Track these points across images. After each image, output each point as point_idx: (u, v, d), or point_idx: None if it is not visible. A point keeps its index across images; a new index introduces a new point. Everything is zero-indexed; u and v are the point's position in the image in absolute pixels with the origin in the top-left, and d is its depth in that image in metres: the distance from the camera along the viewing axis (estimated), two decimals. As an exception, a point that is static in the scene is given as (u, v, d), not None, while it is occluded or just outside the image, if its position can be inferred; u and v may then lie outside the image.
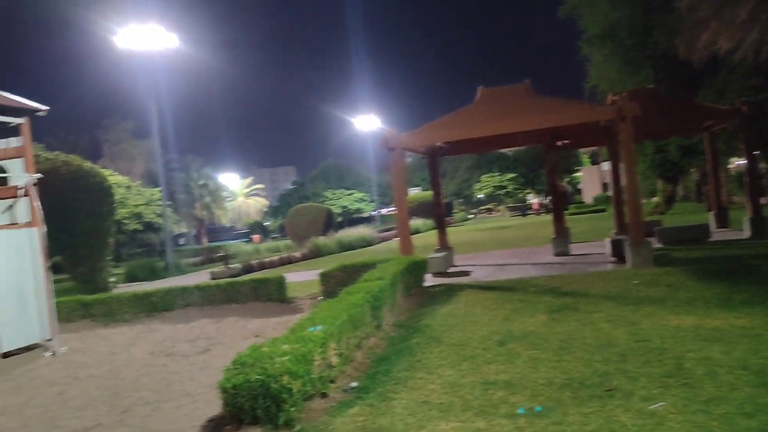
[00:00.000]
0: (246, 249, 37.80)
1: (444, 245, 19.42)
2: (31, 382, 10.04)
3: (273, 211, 72.11)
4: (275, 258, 29.10)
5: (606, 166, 47.31)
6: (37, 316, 13.17)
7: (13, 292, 12.71)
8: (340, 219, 53.37)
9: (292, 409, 6.01)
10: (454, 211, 62.87)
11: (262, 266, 26.61)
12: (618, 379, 6.45)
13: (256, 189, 78.37)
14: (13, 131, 13.81)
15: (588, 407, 5.72)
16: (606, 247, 17.89)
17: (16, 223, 13.43)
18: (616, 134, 15.82)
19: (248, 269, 25.17)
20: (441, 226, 20.22)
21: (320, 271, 15.81)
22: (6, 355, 12.32)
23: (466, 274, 16.88)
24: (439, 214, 21.09)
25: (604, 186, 64.90)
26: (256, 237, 51.11)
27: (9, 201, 13.49)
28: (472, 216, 65.42)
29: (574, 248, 20.54)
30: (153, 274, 28.12)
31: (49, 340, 13.09)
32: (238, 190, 75.79)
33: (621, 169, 17.55)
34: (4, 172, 13.59)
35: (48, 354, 12.25)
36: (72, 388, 9.32)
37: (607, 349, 7.64)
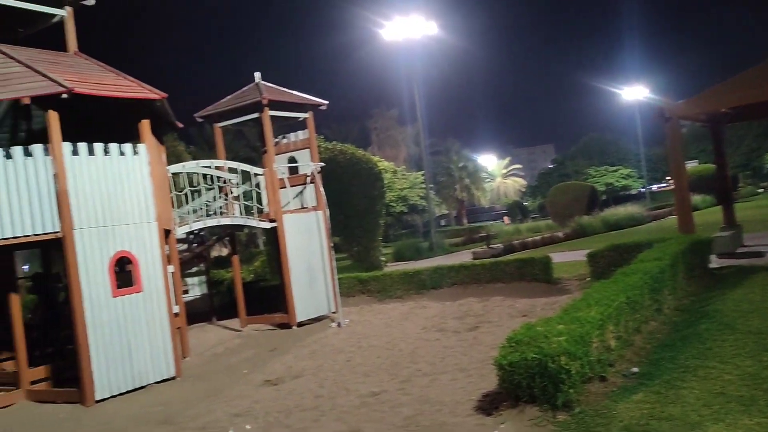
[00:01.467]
0: (507, 229, 37.88)
1: (731, 223, 17.37)
2: (322, 350, 11.18)
3: (532, 191, 71.29)
4: (537, 238, 28.72)
5: None
6: (324, 291, 14.64)
7: (305, 270, 14.27)
8: (604, 197, 50.82)
9: (571, 390, 5.83)
10: (740, 185, 56.18)
11: (524, 246, 26.43)
12: None
13: (513, 169, 78.15)
14: (300, 125, 15.45)
15: None
16: None
17: (305, 207, 15.03)
18: None
19: (510, 249, 25.18)
20: (727, 202, 18.11)
21: (587, 251, 15.18)
22: (300, 324, 13.91)
23: (759, 255, 14.89)
24: (724, 188, 18.91)
25: None
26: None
27: (299, 187, 15.13)
28: (761, 191, 57.83)
29: None
30: (418, 254, 29.54)
31: (334, 312, 14.48)
32: (495, 171, 76.35)
33: None
34: (295, 162, 15.27)
35: (334, 325, 13.54)
36: (357, 356, 10.17)
37: None
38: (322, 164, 15.25)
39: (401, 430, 6.29)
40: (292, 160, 15.32)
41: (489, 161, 78.82)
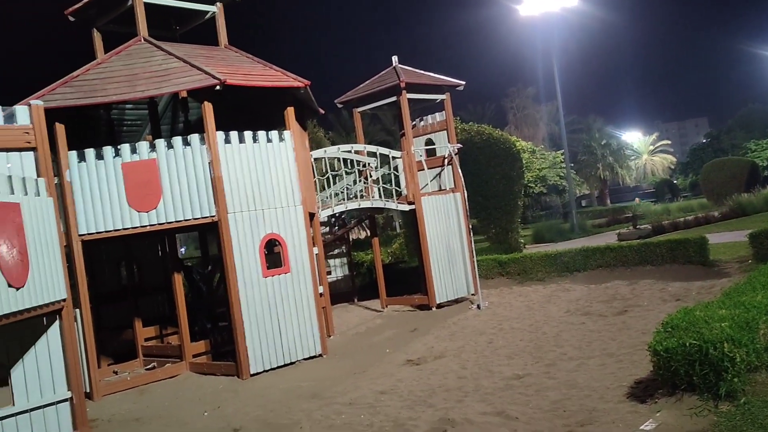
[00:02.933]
0: (655, 209, 35.79)
1: None
2: (462, 331, 11.16)
3: (682, 168, 66.75)
4: (690, 218, 26.87)
5: None
6: (463, 273, 14.60)
7: (444, 251, 14.30)
8: (766, 173, 46.55)
9: (735, 379, 5.40)
10: None
11: (675, 227, 24.82)
12: None
13: (662, 145, 73.43)
14: (436, 107, 15.43)
15: None
16: None
17: (443, 189, 15.02)
18: None
19: (658, 230, 23.75)
20: None
21: (748, 231, 13.97)
22: (439, 306, 13.98)
23: None
24: None
25: None
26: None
27: (437, 169, 15.14)
28: None
29: None
30: (559, 236, 28.66)
31: (474, 294, 14.40)
32: (642, 148, 72.12)
33: None
34: (433, 144, 15.28)
35: (473, 307, 13.47)
36: (498, 338, 10.06)
37: None
38: (460, 146, 15.15)
39: (549, 414, 6.14)
40: (429, 142, 15.35)
41: (634, 138, 74.59)
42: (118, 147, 9.72)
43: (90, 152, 9.57)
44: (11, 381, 6.35)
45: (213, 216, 9.76)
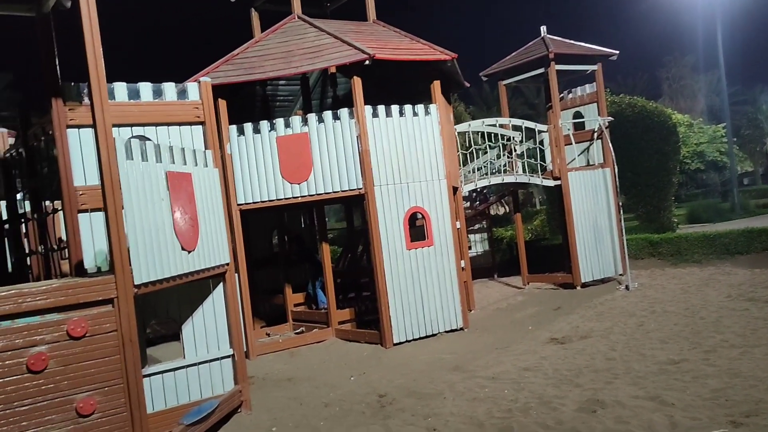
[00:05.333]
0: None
1: None
2: (610, 312, 10.73)
3: None
4: None
5: None
6: (611, 252, 13.99)
7: (590, 229, 13.77)
8: None
9: None
10: None
11: None
12: None
13: None
14: (585, 78, 14.76)
15: None
16: None
17: (592, 164, 14.41)
18: None
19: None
20: None
21: None
22: (584, 285, 13.52)
23: None
24: None
25: None
26: None
27: (585, 144, 14.54)
28: None
29: None
30: (717, 215, 26.67)
31: (622, 274, 13.78)
32: (816, 122, 65.02)
33: None
34: (581, 117, 14.68)
35: (621, 288, 12.89)
36: (650, 321, 9.57)
37: None
38: (611, 119, 14.42)
39: (708, 403, 5.76)
40: (577, 115, 14.76)
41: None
42: (274, 121, 10.22)
43: (248, 126, 10.15)
44: (182, 336, 6.93)
45: (360, 188, 10.03)
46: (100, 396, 4.93)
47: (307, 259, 13.11)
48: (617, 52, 14.24)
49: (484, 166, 14.26)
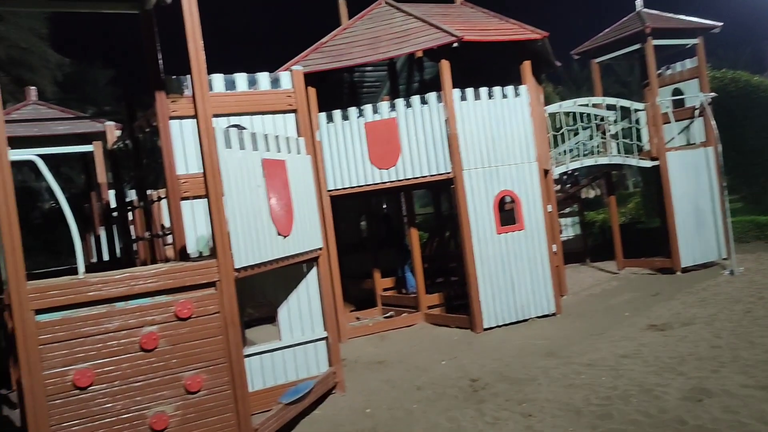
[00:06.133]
0: None
1: None
2: (713, 298, 10.23)
3: None
4: None
5: None
6: (713, 235, 13.33)
7: (691, 211, 13.15)
8: None
9: None
10: None
11: None
12: None
13: None
14: (683, 53, 14.04)
15: None
16: None
17: (692, 143, 13.74)
18: None
19: None
20: None
21: None
22: (684, 270, 12.94)
23: None
24: None
25: None
26: None
27: (685, 122, 13.87)
28: None
29: None
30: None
31: (726, 258, 13.10)
32: None
33: None
34: (680, 94, 13.99)
35: (726, 272, 12.25)
36: (758, 308, 9.06)
37: None
38: (714, 94, 13.67)
39: (830, 396, 5.42)
40: (676, 92, 14.08)
41: None
42: (362, 108, 10.31)
43: (337, 113, 10.29)
44: (278, 319, 7.16)
45: (448, 173, 9.97)
46: (206, 374, 5.15)
47: (395, 243, 13.21)
48: (720, 24, 13.46)
49: (576, 148, 13.85)
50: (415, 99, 10.09)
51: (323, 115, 10.30)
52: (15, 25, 21.25)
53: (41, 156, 5.24)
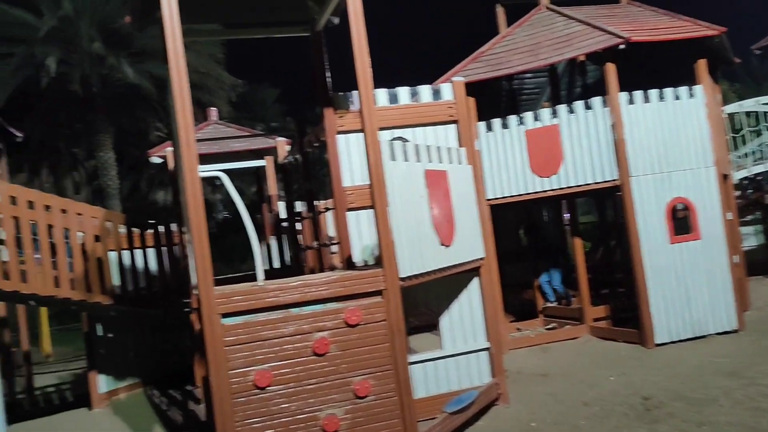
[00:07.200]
0: None
1: None
2: None
3: None
4: None
5: None
6: None
7: None
8: None
9: None
10: None
11: None
12: None
13: None
14: None
15: None
16: None
17: None
18: None
19: None
20: None
21: None
22: None
23: None
24: None
25: None
26: None
27: None
28: None
29: None
30: None
31: None
32: None
33: None
34: None
35: None
36: None
37: None
38: None
39: None
40: None
41: None
42: (522, 115, 10.16)
43: (496, 122, 10.23)
44: (440, 328, 7.23)
45: (615, 180, 9.53)
46: (374, 380, 5.32)
47: (545, 253, 12.81)
48: None
49: (759, 150, 12.69)
50: (579, 104, 9.78)
51: (482, 124, 10.28)
52: (195, 52, 23.36)
53: (221, 171, 5.72)
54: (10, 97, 21.68)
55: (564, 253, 12.79)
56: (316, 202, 8.63)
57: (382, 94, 7.31)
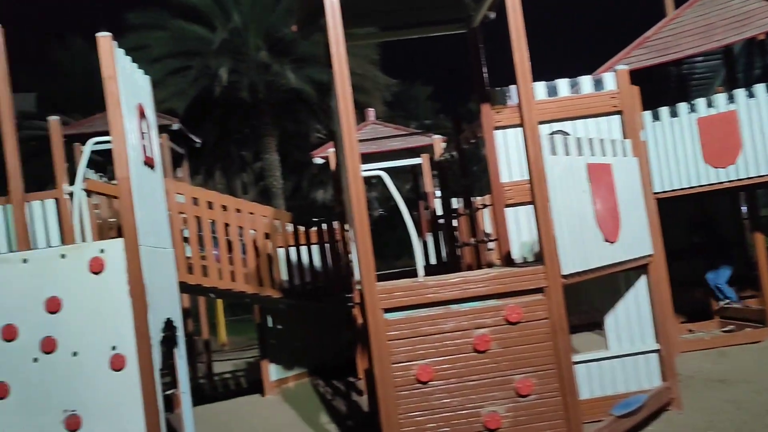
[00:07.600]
0: None
1: None
2: None
3: None
4: None
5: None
6: None
7: None
8: None
9: None
10: None
11: None
12: None
13: None
14: None
15: None
16: None
17: None
18: None
19: None
20: None
21: None
22: None
23: None
24: None
25: None
26: None
27: None
28: None
29: None
30: None
31: None
32: None
33: None
34: None
35: None
36: None
37: None
38: None
39: None
40: None
41: None
42: (692, 102, 9.47)
43: (664, 110, 9.60)
44: (605, 327, 6.93)
45: (804, 170, 8.62)
46: (536, 379, 5.23)
47: (714, 250, 11.78)
48: None
49: None
50: (760, 87, 8.93)
51: (648, 113, 9.70)
52: (353, 55, 24.17)
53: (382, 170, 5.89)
54: (188, 106, 23.79)
55: (740, 250, 11.75)
56: (472, 199, 8.63)
57: (540, 87, 7.15)
